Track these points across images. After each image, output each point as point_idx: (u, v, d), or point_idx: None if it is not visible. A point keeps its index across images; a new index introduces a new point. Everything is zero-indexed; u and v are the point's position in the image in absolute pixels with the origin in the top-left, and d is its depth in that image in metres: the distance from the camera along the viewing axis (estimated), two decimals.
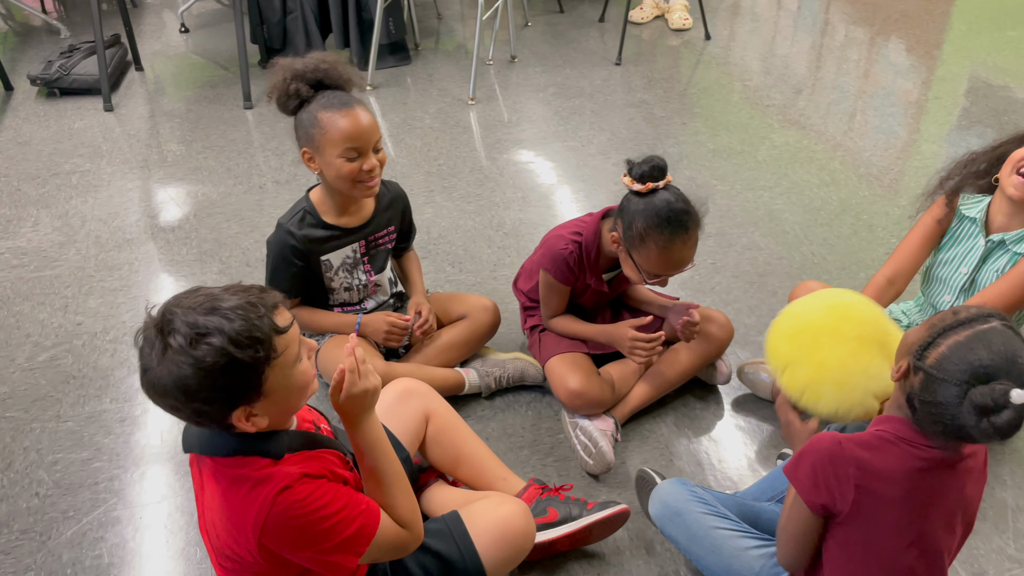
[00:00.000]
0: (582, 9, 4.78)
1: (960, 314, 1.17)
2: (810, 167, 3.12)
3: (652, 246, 1.69)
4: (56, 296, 2.40)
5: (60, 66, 3.64)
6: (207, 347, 1.01)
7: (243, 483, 1.11)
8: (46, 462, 1.86)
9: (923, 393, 1.15)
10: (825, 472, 1.20)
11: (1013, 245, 1.72)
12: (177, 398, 1.03)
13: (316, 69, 1.73)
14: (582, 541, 1.59)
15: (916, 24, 4.57)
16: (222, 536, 1.15)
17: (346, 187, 1.78)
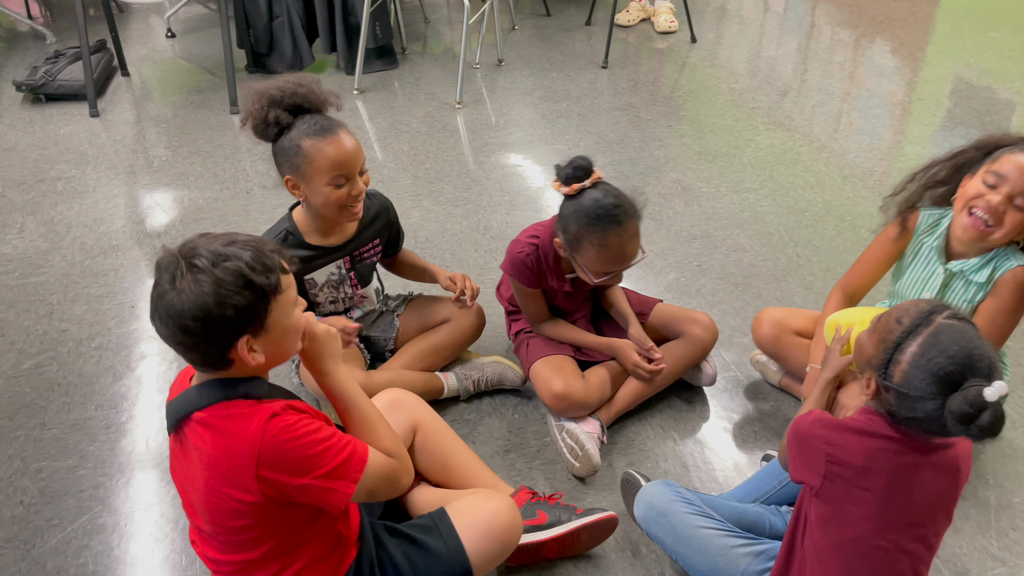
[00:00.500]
0: (569, 12, 4.80)
1: (903, 320, 1.21)
2: (795, 169, 3.14)
3: (588, 246, 1.71)
4: (41, 303, 2.40)
5: (46, 72, 3.63)
6: (228, 268, 1.11)
7: (232, 421, 1.15)
8: (30, 470, 1.85)
9: (903, 410, 1.20)
10: (804, 446, 1.30)
11: (972, 275, 1.72)
12: (191, 322, 1.10)
13: (294, 94, 1.68)
14: (570, 548, 1.59)
15: (900, 26, 4.60)
16: (218, 489, 1.16)
17: (333, 213, 1.76)
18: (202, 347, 1.14)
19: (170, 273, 1.11)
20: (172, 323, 1.11)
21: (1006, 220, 1.61)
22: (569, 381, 1.85)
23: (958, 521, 1.72)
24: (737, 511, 1.55)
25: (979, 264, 1.71)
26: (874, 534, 1.25)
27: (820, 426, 1.29)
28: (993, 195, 1.61)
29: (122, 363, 2.17)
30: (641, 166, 3.14)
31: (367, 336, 2.08)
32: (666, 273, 2.52)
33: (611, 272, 1.76)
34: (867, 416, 1.28)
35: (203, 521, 1.22)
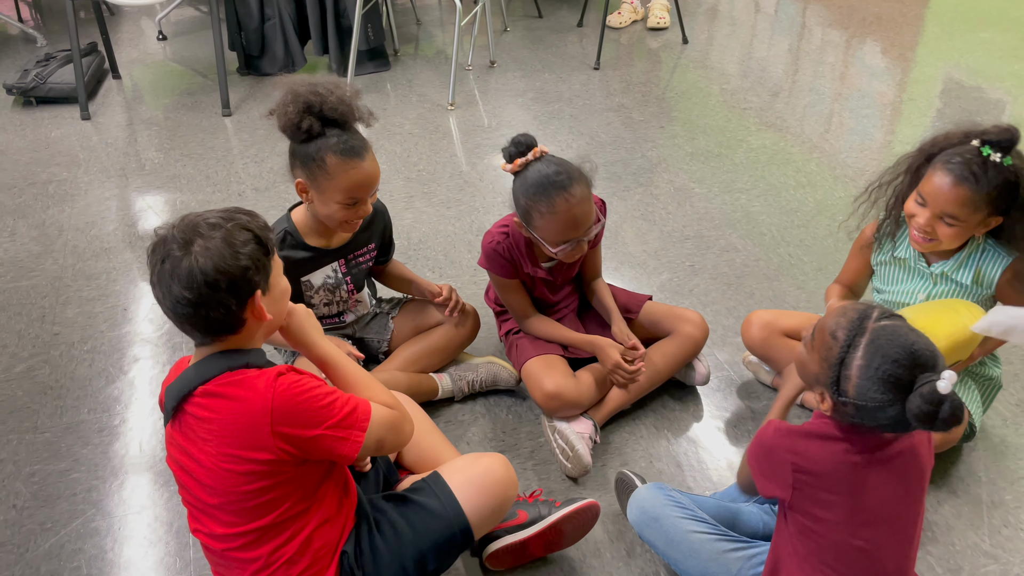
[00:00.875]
0: (561, 14, 4.81)
1: (838, 335, 1.22)
2: (787, 169, 3.15)
3: (538, 216, 1.73)
4: (33, 306, 2.39)
5: (36, 75, 3.62)
6: (237, 224, 1.20)
7: (239, 386, 1.19)
8: (23, 474, 1.84)
9: (866, 420, 1.22)
10: (768, 458, 1.31)
11: (954, 274, 1.74)
12: (217, 276, 1.15)
13: (334, 109, 1.68)
14: (556, 543, 1.59)
15: (891, 27, 4.62)
16: (233, 454, 1.18)
17: (333, 225, 1.79)
18: (223, 305, 1.17)
19: (178, 243, 1.16)
20: (195, 284, 1.14)
21: (940, 234, 1.65)
22: (560, 380, 1.85)
23: (951, 518, 1.73)
24: (731, 512, 1.55)
25: (956, 264, 1.73)
26: (851, 535, 1.26)
27: (781, 436, 1.30)
28: (921, 215, 1.66)
29: (115, 366, 2.16)
30: (633, 167, 3.15)
31: (360, 338, 2.08)
32: (659, 273, 2.53)
33: (568, 240, 1.76)
34: (821, 420, 1.30)
35: (212, 495, 1.23)
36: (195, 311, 1.17)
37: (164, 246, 1.18)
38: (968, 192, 1.58)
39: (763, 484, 1.32)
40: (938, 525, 1.72)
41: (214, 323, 1.20)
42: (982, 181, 1.57)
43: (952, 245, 1.68)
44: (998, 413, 2.00)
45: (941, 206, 1.62)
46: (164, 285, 1.17)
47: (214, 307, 1.17)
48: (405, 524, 1.36)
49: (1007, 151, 1.59)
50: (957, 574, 1.62)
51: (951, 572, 1.63)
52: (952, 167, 1.60)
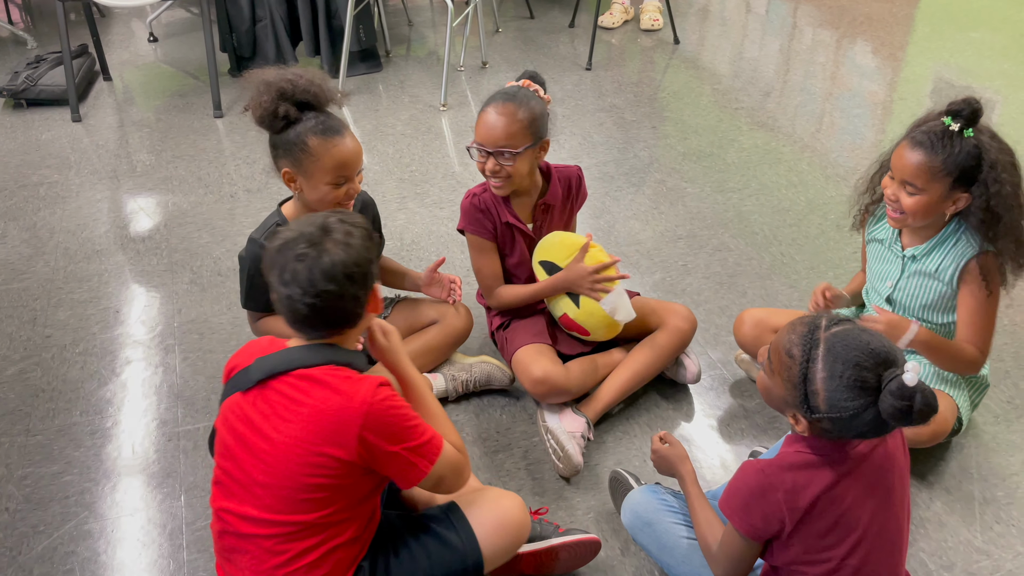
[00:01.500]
0: (552, 15, 4.81)
1: (794, 352, 1.21)
2: (778, 168, 3.16)
3: (479, 112, 1.89)
4: (24, 309, 2.38)
5: (27, 77, 3.60)
6: (361, 226, 1.29)
7: (345, 382, 1.23)
8: (15, 477, 1.83)
9: (844, 431, 1.20)
10: (758, 504, 1.25)
11: (923, 259, 1.76)
12: (355, 269, 1.24)
13: (306, 92, 1.70)
14: (547, 566, 1.58)
15: (881, 27, 4.64)
16: (312, 443, 1.21)
17: (322, 209, 1.77)
18: (356, 297, 1.25)
19: (309, 241, 1.23)
20: (338, 278, 1.21)
21: (904, 205, 1.68)
22: (548, 366, 1.87)
23: (943, 515, 1.74)
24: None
25: (928, 248, 1.75)
26: (846, 556, 1.24)
27: (768, 475, 1.25)
28: (890, 187, 1.70)
29: (107, 368, 2.15)
30: (626, 167, 3.15)
31: None
32: (652, 273, 2.54)
33: (480, 144, 1.86)
34: (794, 448, 1.27)
35: (266, 475, 1.23)
36: (333, 304, 1.23)
37: (294, 246, 1.23)
38: (923, 157, 1.62)
39: (755, 525, 1.26)
40: (930, 522, 1.73)
41: (341, 316, 1.27)
42: (937, 147, 1.61)
43: (919, 219, 1.70)
44: (989, 410, 2.01)
45: (901, 173, 1.66)
46: (301, 282, 1.21)
47: (350, 299, 1.24)
48: (423, 553, 1.37)
49: (969, 121, 1.61)
50: (950, 570, 1.63)
51: (944, 568, 1.63)
52: (915, 136, 1.65)
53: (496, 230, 1.97)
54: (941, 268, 1.73)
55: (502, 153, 1.85)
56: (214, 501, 1.30)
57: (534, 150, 1.89)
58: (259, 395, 1.26)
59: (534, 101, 1.87)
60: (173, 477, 1.83)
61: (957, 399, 1.78)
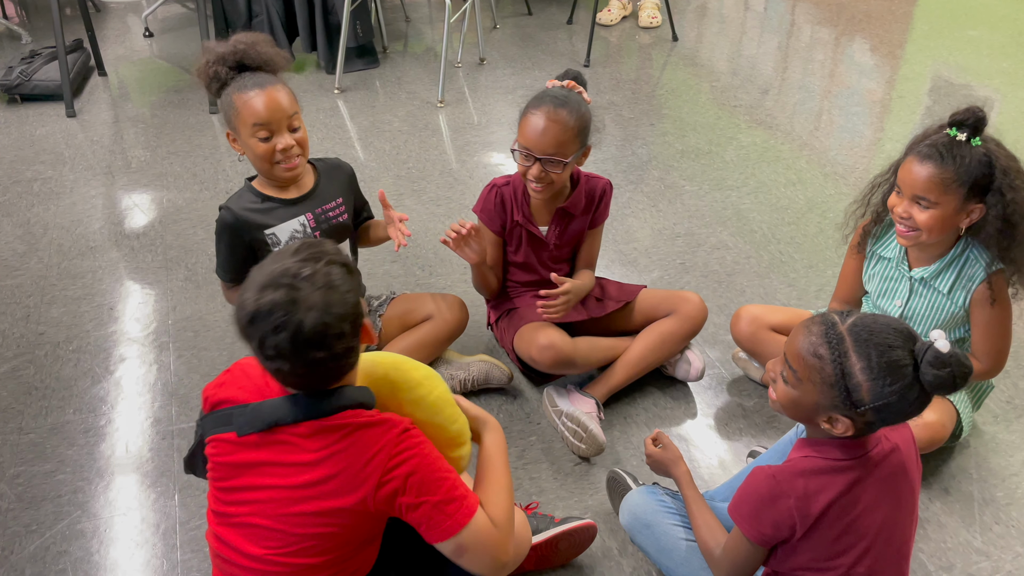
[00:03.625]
0: (550, 11, 4.79)
1: (821, 352, 1.17)
2: (777, 166, 3.14)
3: (523, 113, 1.83)
4: (17, 306, 2.36)
5: (21, 72, 3.58)
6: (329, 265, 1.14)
7: (368, 427, 1.15)
8: (8, 475, 1.82)
9: (886, 416, 1.17)
10: (768, 511, 1.23)
11: (933, 281, 1.74)
12: (336, 336, 1.10)
13: (235, 51, 1.74)
14: (548, 559, 1.58)
15: (879, 24, 4.63)
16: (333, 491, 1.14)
17: (265, 169, 1.79)
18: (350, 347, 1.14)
19: (283, 308, 1.08)
20: (327, 340, 1.09)
21: (918, 221, 1.64)
22: (554, 335, 1.86)
23: (942, 516, 1.73)
24: (722, 513, 1.54)
25: (937, 269, 1.72)
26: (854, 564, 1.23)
27: (779, 481, 1.22)
28: (899, 205, 1.66)
29: (100, 366, 2.14)
30: (624, 164, 3.14)
31: None
32: (650, 271, 2.52)
33: (525, 147, 1.80)
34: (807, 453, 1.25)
35: (266, 519, 1.17)
36: (327, 365, 1.12)
37: (269, 318, 1.08)
38: (934, 169, 1.59)
39: (764, 531, 1.24)
40: (929, 522, 1.72)
41: (338, 369, 1.16)
42: (947, 158, 1.58)
43: (934, 235, 1.66)
44: (989, 410, 2.00)
45: (912, 188, 1.62)
46: (287, 355, 1.09)
47: (343, 353, 1.13)
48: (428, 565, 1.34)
49: (974, 130, 1.59)
50: (949, 571, 1.62)
51: (943, 570, 1.63)
52: (920, 150, 1.62)
53: (505, 226, 1.97)
54: (954, 289, 1.71)
55: (550, 161, 1.80)
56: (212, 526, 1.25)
57: (579, 157, 1.87)
58: (262, 441, 1.17)
59: (584, 107, 1.83)
60: (167, 476, 1.82)
61: (958, 404, 1.77)
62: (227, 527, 1.22)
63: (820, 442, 1.25)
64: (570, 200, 1.94)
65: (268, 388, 1.21)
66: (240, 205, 1.82)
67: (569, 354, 1.86)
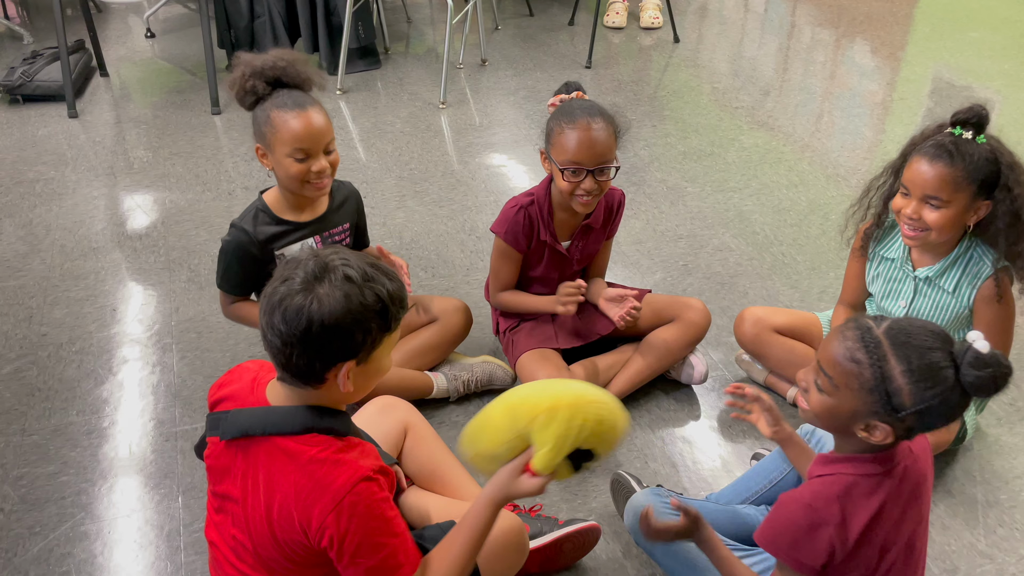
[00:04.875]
0: (552, 12, 4.79)
1: (859, 356, 1.13)
2: (779, 168, 3.15)
3: (557, 132, 1.80)
4: (20, 307, 2.36)
5: (23, 72, 3.58)
6: (374, 289, 1.10)
7: (322, 464, 1.12)
8: (11, 477, 1.82)
9: (928, 420, 1.13)
10: (808, 541, 1.19)
11: (938, 280, 1.74)
12: (317, 329, 1.07)
13: (274, 67, 1.74)
14: (553, 561, 1.58)
15: (880, 26, 4.63)
16: (280, 518, 1.13)
17: (295, 187, 1.79)
18: (312, 357, 1.10)
19: (309, 274, 1.09)
20: (297, 324, 1.07)
21: (929, 221, 1.64)
22: (553, 373, 1.86)
23: (946, 518, 1.73)
24: (727, 515, 1.54)
25: (942, 268, 1.73)
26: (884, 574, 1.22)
27: (816, 509, 1.18)
28: (907, 205, 1.66)
29: (103, 367, 2.13)
30: (626, 166, 3.14)
31: None
32: (652, 272, 2.52)
33: (577, 163, 1.78)
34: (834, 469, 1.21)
35: (243, 533, 1.18)
36: (282, 347, 1.10)
37: (291, 271, 1.10)
38: (945, 168, 1.59)
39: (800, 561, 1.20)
40: (934, 525, 1.71)
41: (292, 368, 1.12)
42: (956, 157, 1.58)
43: (944, 234, 1.66)
44: (992, 413, 2.00)
45: (923, 189, 1.62)
46: (269, 305, 1.10)
47: (300, 354, 1.09)
48: None
49: (979, 128, 1.59)
50: (953, 574, 1.62)
51: (947, 572, 1.63)
52: (927, 150, 1.62)
53: (530, 245, 1.95)
54: (959, 287, 1.72)
55: (603, 169, 1.80)
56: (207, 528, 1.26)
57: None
58: (239, 448, 1.17)
59: (609, 112, 1.84)
60: (171, 478, 1.82)
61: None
62: (216, 532, 1.24)
63: (850, 457, 1.21)
64: (593, 214, 1.95)
65: (253, 394, 1.20)
66: (255, 227, 1.83)
67: None
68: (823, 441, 1.53)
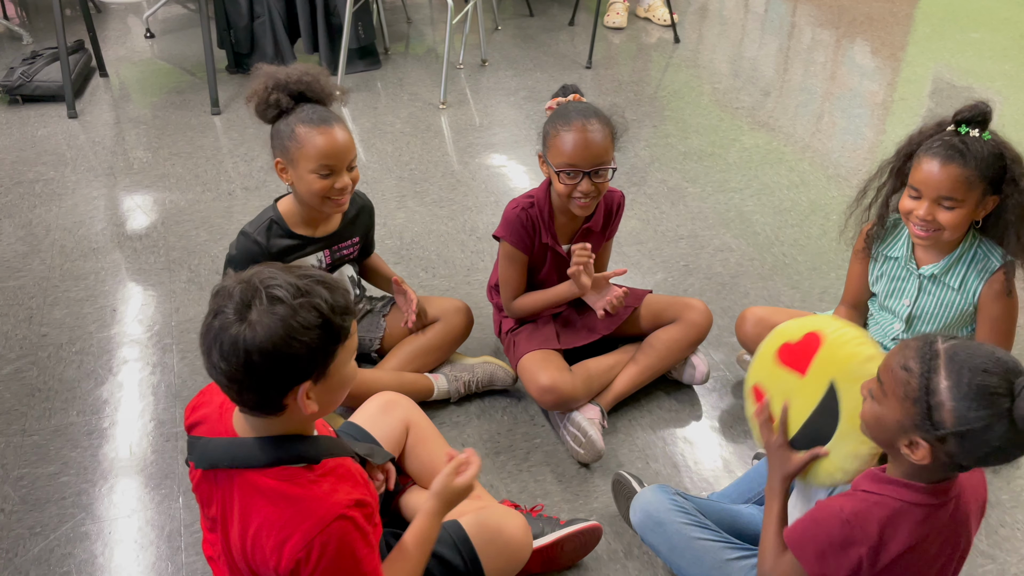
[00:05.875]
0: (552, 13, 4.79)
1: (911, 366, 1.09)
2: (779, 168, 3.14)
3: (553, 134, 1.80)
4: (20, 307, 2.35)
5: (22, 72, 3.57)
6: (308, 304, 1.03)
7: (292, 501, 1.09)
8: (11, 477, 1.81)
9: (974, 449, 1.07)
10: (836, 556, 1.17)
11: (943, 277, 1.74)
12: (257, 358, 1.01)
13: (299, 81, 1.71)
14: (554, 561, 1.58)
15: (881, 27, 4.63)
16: (253, 553, 1.11)
17: (316, 202, 1.78)
18: (261, 387, 1.05)
19: (239, 301, 1.02)
20: (236, 358, 1.01)
21: (942, 220, 1.64)
22: (555, 374, 1.85)
23: None
24: (731, 515, 1.54)
25: (947, 264, 1.72)
26: None
27: (854, 526, 1.15)
28: (919, 207, 1.65)
29: (104, 368, 2.13)
30: (626, 166, 3.13)
31: None
32: (653, 273, 2.52)
33: (574, 165, 1.77)
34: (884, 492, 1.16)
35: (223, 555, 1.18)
36: (229, 384, 1.05)
37: (222, 302, 1.04)
38: (958, 169, 1.58)
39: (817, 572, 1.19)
40: None
41: (247, 402, 1.08)
42: (968, 156, 1.58)
43: (956, 232, 1.66)
44: None
45: (936, 190, 1.61)
46: (207, 344, 1.04)
47: (247, 388, 1.05)
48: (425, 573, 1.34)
49: (982, 126, 1.60)
50: None
51: None
52: (936, 150, 1.61)
53: (534, 248, 1.94)
54: (965, 282, 1.71)
55: (599, 171, 1.79)
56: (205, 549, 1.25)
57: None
58: (214, 479, 1.15)
59: (605, 114, 1.83)
60: (171, 478, 1.81)
61: None
62: (211, 549, 1.23)
63: (903, 482, 1.16)
64: (593, 217, 1.94)
65: (221, 421, 1.17)
66: (268, 240, 1.82)
67: (570, 393, 1.84)
68: None
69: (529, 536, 1.46)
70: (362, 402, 1.64)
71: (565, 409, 1.87)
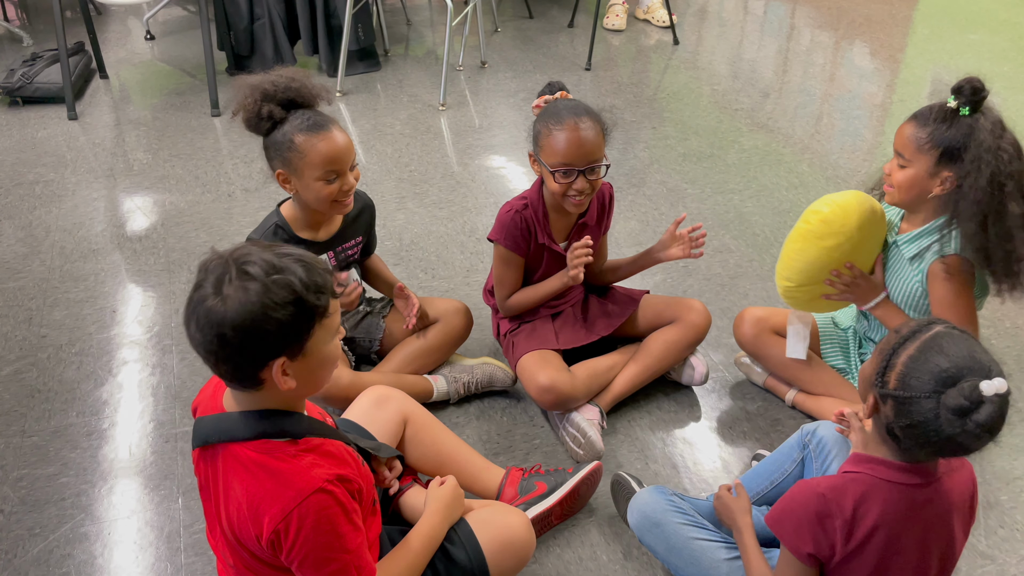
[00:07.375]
0: (551, 15, 4.80)
1: (902, 330, 1.15)
2: (779, 170, 3.15)
3: (545, 133, 1.79)
4: (20, 308, 2.36)
5: (23, 74, 3.58)
6: (280, 281, 1.05)
7: (272, 473, 1.11)
8: (11, 478, 1.81)
9: (899, 419, 1.12)
10: (810, 529, 1.19)
11: (903, 246, 1.76)
12: (229, 332, 1.03)
13: (287, 88, 1.70)
14: (572, 507, 1.66)
15: (879, 28, 4.64)
16: (238, 525, 1.13)
17: (325, 207, 1.78)
18: (235, 360, 1.07)
19: (216, 277, 1.05)
20: (210, 330, 1.04)
21: (894, 178, 1.70)
22: (554, 374, 1.85)
23: None
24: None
25: (913, 237, 1.75)
26: None
27: (829, 500, 1.18)
28: (889, 163, 1.73)
29: (103, 369, 2.13)
30: (626, 168, 3.14)
31: (351, 337, 2.06)
32: (652, 274, 2.52)
33: (569, 165, 1.77)
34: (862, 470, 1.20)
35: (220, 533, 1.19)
36: (207, 356, 1.08)
37: (202, 276, 1.07)
38: (913, 128, 1.65)
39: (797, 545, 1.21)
40: None
41: (224, 374, 1.10)
42: (927, 119, 1.63)
43: (903, 193, 1.70)
44: None
45: (895, 145, 1.70)
46: (186, 315, 1.07)
47: (223, 360, 1.07)
48: (429, 570, 1.35)
49: (970, 101, 1.61)
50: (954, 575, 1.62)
51: None
52: (916, 112, 1.68)
53: (530, 248, 1.94)
54: (918, 258, 1.73)
55: (593, 168, 1.79)
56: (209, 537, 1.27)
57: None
58: (206, 456, 1.17)
59: (595, 111, 1.84)
60: (171, 479, 1.81)
61: None
62: (213, 538, 1.24)
63: (883, 461, 1.19)
64: (587, 212, 1.95)
65: (214, 400, 1.19)
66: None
67: (569, 393, 1.85)
68: (824, 441, 1.53)
69: (532, 535, 1.46)
70: None
71: (564, 409, 1.87)
